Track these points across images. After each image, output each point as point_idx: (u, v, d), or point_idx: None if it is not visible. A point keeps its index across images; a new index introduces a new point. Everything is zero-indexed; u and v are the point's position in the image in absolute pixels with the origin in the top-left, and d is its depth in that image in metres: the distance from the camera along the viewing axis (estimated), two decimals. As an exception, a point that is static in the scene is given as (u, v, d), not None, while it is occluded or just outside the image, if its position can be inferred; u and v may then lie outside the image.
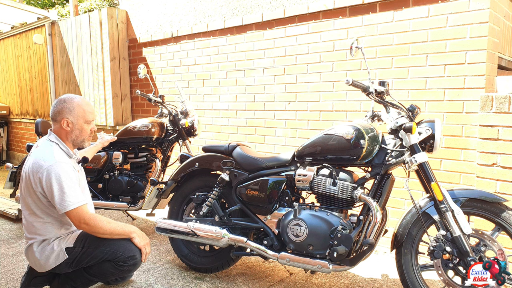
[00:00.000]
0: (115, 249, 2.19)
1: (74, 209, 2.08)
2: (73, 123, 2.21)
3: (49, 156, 2.12)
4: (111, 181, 3.58)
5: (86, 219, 2.10)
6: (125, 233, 2.22)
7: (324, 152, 2.36)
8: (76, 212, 2.08)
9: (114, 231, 2.18)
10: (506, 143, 2.58)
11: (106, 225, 2.15)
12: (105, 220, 2.17)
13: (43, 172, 2.07)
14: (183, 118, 3.60)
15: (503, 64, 3.22)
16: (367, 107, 3.28)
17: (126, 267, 2.22)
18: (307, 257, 2.34)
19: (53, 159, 2.11)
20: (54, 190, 2.06)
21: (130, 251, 2.21)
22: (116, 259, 2.18)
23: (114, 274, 2.25)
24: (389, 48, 3.14)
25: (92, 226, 2.11)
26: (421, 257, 2.38)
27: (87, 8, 6.70)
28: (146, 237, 2.31)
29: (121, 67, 5.44)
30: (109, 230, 2.16)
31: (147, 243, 2.29)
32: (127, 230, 2.24)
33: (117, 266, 2.20)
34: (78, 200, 2.10)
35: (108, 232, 2.16)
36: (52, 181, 2.06)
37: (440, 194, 2.11)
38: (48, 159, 2.10)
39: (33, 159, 2.14)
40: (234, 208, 2.66)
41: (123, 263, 2.20)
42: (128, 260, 2.20)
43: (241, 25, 4.10)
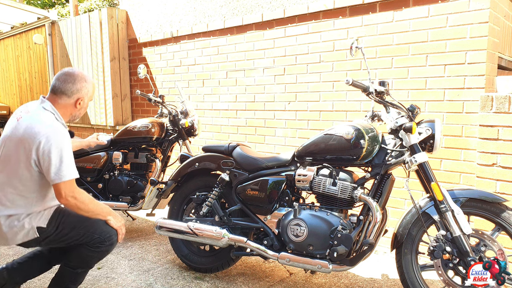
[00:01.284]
0: (92, 231, 2.14)
1: (68, 180, 1.98)
2: (84, 102, 2.17)
3: (49, 123, 2.00)
4: (111, 181, 3.58)
5: (75, 193, 2.01)
6: (103, 214, 2.16)
7: (324, 152, 2.35)
8: (69, 184, 1.99)
9: (95, 210, 2.12)
10: (506, 143, 2.58)
11: (90, 202, 2.09)
12: (88, 197, 2.10)
13: (42, 139, 1.94)
14: (183, 118, 3.60)
15: (503, 64, 3.22)
16: (367, 107, 3.28)
17: (104, 248, 2.18)
18: (307, 257, 2.34)
19: (53, 126, 1.99)
20: (52, 158, 1.94)
21: (106, 232, 2.17)
22: (92, 241, 2.14)
23: (94, 257, 2.19)
24: (389, 48, 3.14)
25: (79, 201, 2.03)
26: (421, 257, 2.38)
27: (87, 8, 6.70)
28: (121, 218, 2.26)
29: (121, 67, 5.44)
30: (92, 208, 2.10)
31: (123, 224, 2.25)
32: (105, 211, 2.18)
33: (93, 249, 2.15)
34: (75, 172, 2.02)
35: (91, 210, 2.09)
36: (51, 149, 1.94)
37: (440, 194, 2.11)
38: (48, 125, 1.98)
39: (28, 124, 1.99)
40: (234, 208, 2.66)
41: (100, 244, 2.16)
42: (105, 241, 2.17)
43: (241, 25, 4.10)
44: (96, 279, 2.76)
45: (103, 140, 3.20)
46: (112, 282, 2.72)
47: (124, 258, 3.13)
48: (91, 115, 5.77)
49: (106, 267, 2.96)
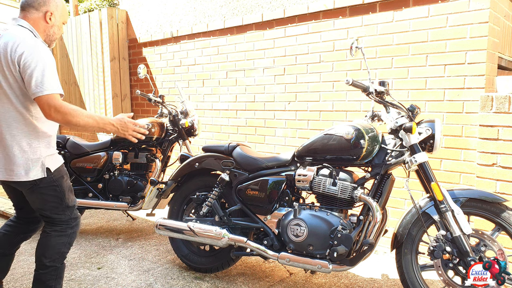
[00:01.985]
0: (65, 206, 2.15)
1: (49, 94, 1.91)
2: (55, 18, 2.11)
3: (28, 37, 1.95)
4: (111, 181, 3.58)
5: (57, 106, 1.92)
6: (99, 125, 2.05)
7: (324, 152, 2.36)
8: (50, 97, 1.91)
9: (89, 121, 2.01)
10: (506, 143, 2.58)
11: (80, 113, 1.98)
12: (74, 108, 1.99)
13: (24, 49, 1.90)
14: (183, 118, 3.60)
15: (503, 64, 3.22)
16: (367, 107, 3.28)
17: (70, 231, 2.18)
18: (307, 257, 2.34)
19: (33, 41, 1.94)
20: (34, 71, 1.89)
21: (75, 214, 2.19)
22: (61, 215, 2.15)
23: (64, 243, 2.17)
24: (389, 48, 3.14)
25: (65, 113, 1.93)
26: (421, 257, 2.38)
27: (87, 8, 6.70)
28: (123, 123, 2.11)
29: (121, 67, 5.44)
30: (85, 120, 1.99)
31: (126, 127, 2.11)
32: (101, 122, 2.06)
33: (60, 232, 2.15)
34: (56, 87, 1.94)
35: (83, 121, 1.99)
36: (33, 60, 1.89)
37: (440, 194, 2.11)
38: (27, 39, 1.93)
39: (7, 39, 1.93)
40: (234, 208, 2.66)
41: (66, 224, 2.17)
42: (71, 221, 2.18)
43: (241, 25, 4.10)
44: (96, 279, 2.76)
45: None
46: (112, 282, 2.72)
47: (124, 258, 3.13)
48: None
49: (106, 267, 2.97)
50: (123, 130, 2.11)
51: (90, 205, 3.56)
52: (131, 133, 2.13)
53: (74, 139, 3.70)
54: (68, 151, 3.65)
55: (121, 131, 2.11)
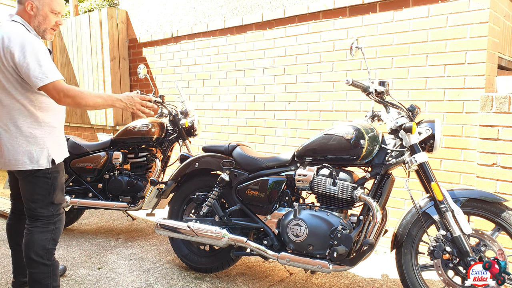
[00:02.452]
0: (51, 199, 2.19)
1: (54, 81, 1.97)
2: (37, 8, 2.13)
3: (19, 32, 2.00)
4: (111, 181, 3.58)
5: (65, 91, 1.99)
6: (108, 103, 2.12)
7: (324, 152, 2.36)
8: (57, 84, 1.98)
9: (97, 103, 2.08)
10: (506, 143, 2.58)
11: (88, 95, 2.05)
12: (87, 93, 2.07)
13: (15, 45, 1.95)
14: (183, 118, 3.60)
15: (503, 64, 3.22)
16: (367, 107, 3.28)
17: (53, 226, 2.21)
18: (307, 257, 2.34)
19: (24, 34, 2.00)
20: (30, 62, 1.94)
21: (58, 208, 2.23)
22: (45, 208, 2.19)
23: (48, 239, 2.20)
24: (389, 48, 3.14)
25: (73, 97, 2.00)
26: (421, 257, 2.38)
27: (87, 8, 6.70)
28: (131, 98, 2.16)
29: (121, 67, 5.44)
30: (92, 101, 2.06)
31: (134, 102, 2.15)
32: (109, 100, 2.13)
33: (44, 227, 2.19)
34: (57, 74, 2.00)
35: (91, 103, 2.05)
36: (26, 53, 1.95)
37: (440, 194, 2.11)
38: (18, 34, 1.99)
39: (0, 34, 1.99)
40: (234, 208, 2.66)
41: (48, 220, 2.21)
42: (54, 216, 2.22)
43: (241, 25, 4.10)
44: (96, 279, 2.76)
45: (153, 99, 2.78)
46: (112, 282, 2.72)
47: (124, 258, 3.13)
48: (91, 115, 5.77)
49: (106, 267, 2.97)
50: (131, 105, 2.15)
51: (90, 205, 3.56)
52: (139, 108, 2.16)
53: (74, 139, 3.70)
54: (68, 151, 3.64)
55: (129, 106, 2.14)
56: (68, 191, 3.61)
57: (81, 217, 3.90)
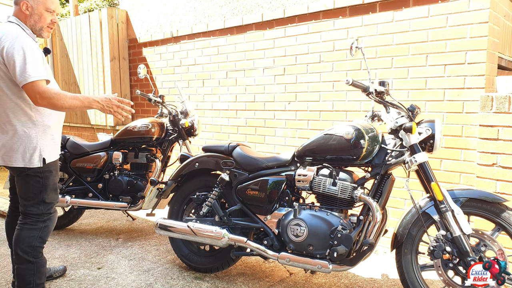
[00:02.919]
0: (42, 198, 2.22)
1: (34, 81, 2.01)
2: (32, 8, 2.17)
3: (12, 31, 2.07)
4: (111, 181, 3.58)
5: (41, 92, 2.02)
6: (84, 104, 2.12)
7: (324, 152, 2.36)
8: (33, 85, 2.01)
9: (74, 102, 2.08)
10: (506, 143, 2.58)
11: (63, 97, 2.06)
12: (62, 95, 2.07)
13: (5, 43, 2.02)
14: (183, 118, 3.60)
15: (503, 64, 3.22)
16: (367, 107, 3.28)
17: (41, 224, 2.25)
18: (307, 257, 2.34)
19: (16, 33, 2.06)
20: (16, 60, 2.00)
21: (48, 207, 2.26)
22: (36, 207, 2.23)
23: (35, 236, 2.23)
24: (389, 48, 3.14)
25: (48, 99, 2.03)
26: (421, 257, 2.38)
27: (87, 8, 6.70)
28: (108, 100, 2.16)
29: (121, 67, 5.44)
30: (70, 102, 2.07)
31: (111, 104, 2.15)
32: (86, 102, 2.12)
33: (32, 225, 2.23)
34: (39, 74, 2.03)
35: (68, 103, 2.07)
36: (14, 51, 2.01)
37: (440, 194, 2.11)
38: (11, 33, 2.06)
39: None
40: (234, 208, 2.66)
41: (38, 218, 2.25)
42: (44, 215, 2.26)
43: (241, 25, 4.10)
44: (96, 279, 2.76)
45: None
46: (112, 282, 2.72)
47: (124, 258, 3.13)
48: (91, 115, 5.77)
49: (106, 267, 2.97)
50: (108, 107, 2.15)
51: (90, 205, 3.56)
52: (116, 110, 2.17)
53: (74, 139, 3.70)
54: (68, 151, 3.65)
55: (106, 108, 2.15)
56: (68, 191, 3.61)
57: (81, 217, 3.90)
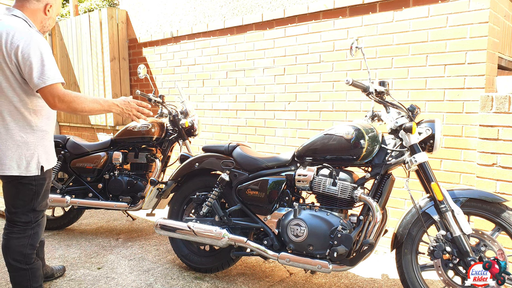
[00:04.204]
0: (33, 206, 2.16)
1: (53, 84, 1.92)
2: (53, 11, 2.12)
3: (24, 28, 1.94)
4: (111, 181, 3.58)
5: (61, 96, 1.93)
6: (104, 108, 2.09)
7: (324, 152, 2.36)
8: (54, 88, 1.92)
9: (93, 108, 2.03)
10: (506, 143, 2.58)
11: (84, 100, 2.00)
12: (76, 95, 2.00)
13: (20, 42, 1.89)
14: (183, 118, 3.60)
15: (503, 64, 3.22)
16: (367, 107, 3.28)
17: (30, 231, 2.19)
18: (307, 257, 2.34)
19: (29, 31, 1.94)
20: (33, 61, 1.89)
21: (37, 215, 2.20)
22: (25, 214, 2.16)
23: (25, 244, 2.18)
24: (389, 48, 3.14)
25: (68, 102, 1.94)
26: (421, 257, 2.38)
27: (87, 8, 6.70)
28: (127, 103, 2.14)
29: (121, 67, 5.44)
30: (89, 105, 2.02)
31: (130, 107, 2.13)
32: (106, 105, 2.09)
33: (20, 234, 2.16)
34: (58, 77, 1.95)
35: (88, 107, 2.02)
36: (31, 52, 1.89)
37: (440, 194, 2.11)
38: (23, 30, 1.92)
39: (1, 30, 1.92)
40: (234, 208, 2.66)
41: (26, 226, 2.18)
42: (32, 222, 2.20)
43: (241, 25, 4.10)
44: (96, 279, 2.76)
45: None
46: (112, 282, 2.72)
47: (124, 258, 3.13)
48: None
49: (106, 267, 2.97)
50: (127, 110, 2.13)
51: (90, 205, 3.56)
52: (135, 113, 2.15)
53: (74, 139, 3.70)
54: (68, 151, 3.65)
55: (126, 111, 2.13)
56: (68, 191, 3.61)
57: (81, 217, 3.90)
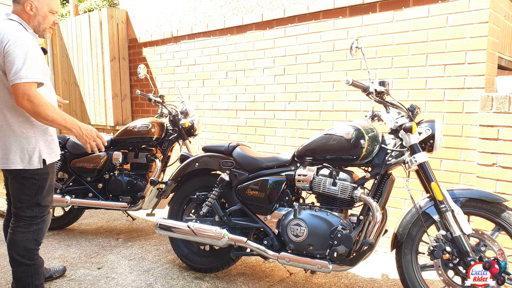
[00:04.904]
0: (38, 201, 2.20)
1: (27, 82, 1.95)
2: (37, 8, 2.14)
3: (15, 29, 2.02)
4: (111, 181, 3.58)
5: (31, 96, 1.96)
6: (66, 125, 2.09)
7: (324, 152, 2.36)
8: (28, 86, 1.96)
9: (57, 118, 2.04)
10: (506, 143, 2.58)
11: (51, 109, 2.02)
12: (47, 103, 2.02)
13: (9, 39, 1.96)
14: (183, 118, 3.60)
15: (503, 64, 3.22)
16: (367, 107, 3.28)
17: (35, 226, 2.23)
18: (307, 257, 2.34)
19: (19, 31, 2.02)
20: (16, 58, 1.95)
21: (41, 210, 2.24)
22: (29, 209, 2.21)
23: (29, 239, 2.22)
24: (389, 48, 3.14)
25: (35, 105, 1.97)
26: (421, 257, 2.38)
27: (87, 8, 6.70)
28: (90, 131, 2.16)
29: (121, 67, 5.44)
30: (53, 116, 2.03)
31: (90, 135, 2.15)
32: (69, 123, 2.09)
33: (26, 228, 2.21)
34: (35, 77, 1.99)
35: (51, 117, 2.03)
36: (16, 48, 1.96)
37: (440, 194, 2.11)
38: (13, 31, 2.01)
39: None
40: (234, 208, 2.66)
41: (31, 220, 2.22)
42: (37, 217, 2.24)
43: (241, 25, 4.10)
44: (96, 279, 2.76)
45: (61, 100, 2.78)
46: (112, 282, 2.72)
47: (124, 258, 3.13)
48: (91, 115, 5.77)
49: (106, 267, 2.97)
50: (86, 136, 2.15)
51: (90, 205, 3.56)
52: (91, 143, 2.17)
53: (74, 139, 3.70)
54: (68, 151, 3.65)
55: (84, 137, 2.14)
56: (68, 191, 3.61)
57: (81, 217, 3.90)
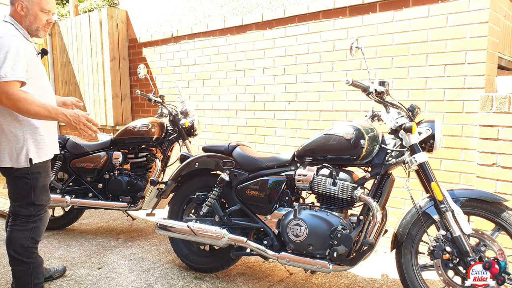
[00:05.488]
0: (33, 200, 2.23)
1: (5, 81, 1.98)
2: (27, 8, 2.17)
3: (6, 29, 2.08)
4: (111, 181, 3.58)
5: (9, 94, 1.97)
6: (51, 115, 2.09)
7: (324, 152, 2.36)
8: (5, 85, 1.98)
9: (39, 112, 2.04)
10: (506, 143, 2.58)
11: (31, 103, 2.02)
12: (31, 100, 2.02)
13: None
14: (183, 118, 3.60)
15: (503, 64, 3.22)
16: (367, 107, 3.28)
17: (31, 224, 2.26)
18: (307, 257, 2.34)
19: (6, 31, 2.07)
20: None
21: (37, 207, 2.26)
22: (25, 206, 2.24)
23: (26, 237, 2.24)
24: (389, 48, 3.14)
25: (14, 101, 1.98)
26: (421, 257, 2.38)
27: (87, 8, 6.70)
28: (77, 116, 2.13)
29: (121, 67, 5.44)
30: (34, 110, 2.03)
31: (79, 121, 2.13)
32: (53, 112, 2.08)
33: (22, 226, 2.23)
34: (14, 75, 2.00)
35: (32, 112, 2.03)
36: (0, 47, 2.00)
37: (440, 194, 2.11)
38: (5, 31, 2.06)
39: None
40: (234, 208, 2.66)
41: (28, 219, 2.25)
42: (34, 216, 2.26)
43: (241, 25, 4.10)
44: (96, 279, 2.76)
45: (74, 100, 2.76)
46: (112, 282, 2.72)
47: (124, 258, 3.13)
48: (91, 115, 5.77)
49: (106, 267, 2.97)
50: (75, 122, 2.14)
51: (90, 205, 3.56)
52: (82, 127, 2.15)
53: (74, 139, 3.70)
54: (68, 151, 3.65)
55: (73, 123, 2.13)
56: (68, 191, 3.61)
57: (81, 217, 3.90)
